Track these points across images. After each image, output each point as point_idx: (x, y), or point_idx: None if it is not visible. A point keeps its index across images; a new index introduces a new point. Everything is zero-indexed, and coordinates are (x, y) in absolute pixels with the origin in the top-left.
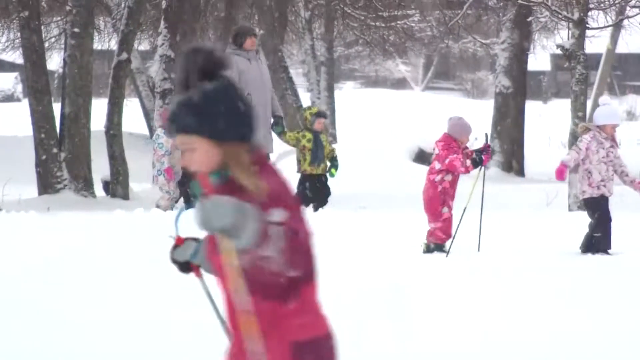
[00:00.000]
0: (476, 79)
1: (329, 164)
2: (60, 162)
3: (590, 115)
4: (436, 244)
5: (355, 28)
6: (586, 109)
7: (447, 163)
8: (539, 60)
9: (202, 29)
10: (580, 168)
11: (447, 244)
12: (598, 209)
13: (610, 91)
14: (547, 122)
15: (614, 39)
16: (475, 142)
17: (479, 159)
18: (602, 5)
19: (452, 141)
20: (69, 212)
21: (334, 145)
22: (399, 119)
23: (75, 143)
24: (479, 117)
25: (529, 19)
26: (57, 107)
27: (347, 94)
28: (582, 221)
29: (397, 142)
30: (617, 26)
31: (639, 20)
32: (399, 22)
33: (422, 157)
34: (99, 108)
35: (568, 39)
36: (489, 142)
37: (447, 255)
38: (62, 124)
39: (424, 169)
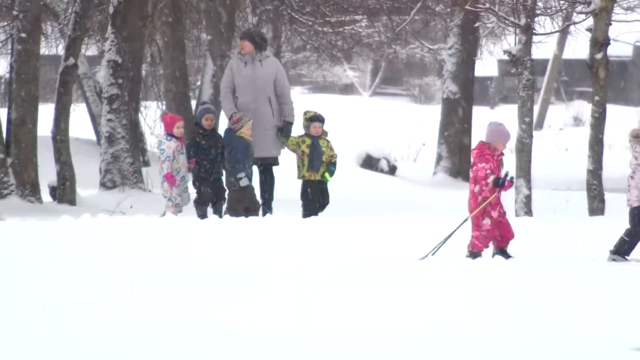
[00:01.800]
0: (423, 84)
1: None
2: (7, 167)
3: (537, 121)
4: (472, 252)
5: (303, 33)
6: (533, 114)
7: (473, 170)
8: (486, 65)
9: (150, 34)
10: (635, 177)
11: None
12: None
13: (557, 97)
14: None
15: (561, 45)
16: (422, 147)
17: (502, 182)
18: (548, 11)
19: (486, 149)
20: (15, 217)
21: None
22: (347, 124)
23: (22, 148)
24: (426, 123)
25: (476, 24)
26: (3, 113)
27: (295, 99)
28: (528, 226)
29: (344, 148)
30: (564, 32)
31: (585, 26)
32: (346, 27)
33: (369, 162)
34: (46, 113)
35: (515, 44)
36: (511, 179)
37: (421, 258)
38: (8, 129)
39: (371, 174)
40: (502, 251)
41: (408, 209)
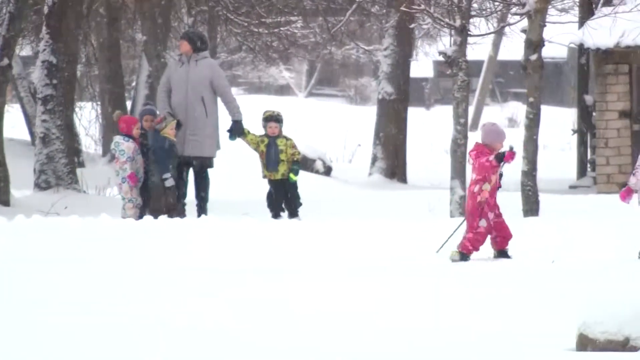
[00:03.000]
0: (359, 85)
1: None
2: None
3: (472, 122)
4: (461, 253)
5: (238, 34)
6: (468, 115)
7: (477, 167)
8: (422, 66)
9: (85, 35)
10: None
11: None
12: None
13: (492, 98)
14: (429, 129)
15: (496, 46)
16: (358, 148)
17: (502, 153)
18: (483, 12)
19: (484, 148)
20: None
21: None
22: (282, 125)
23: None
24: (362, 124)
25: (412, 26)
26: None
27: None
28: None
29: None
30: (499, 33)
31: (520, 28)
32: (282, 28)
33: (304, 163)
34: None
35: (450, 45)
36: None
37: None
38: None
39: (307, 175)
40: (501, 252)
41: (344, 209)
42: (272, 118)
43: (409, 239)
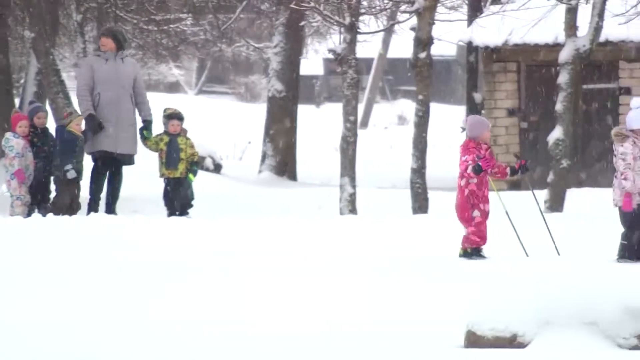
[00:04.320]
0: (249, 82)
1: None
2: None
3: (362, 120)
4: (472, 248)
5: (128, 31)
6: (357, 113)
7: (459, 166)
8: (312, 64)
9: None
10: (618, 176)
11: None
12: (635, 217)
13: (381, 95)
14: (319, 126)
15: (386, 44)
16: (248, 145)
17: (477, 167)
18: (373, 10)
19: (469, 143)
20: None
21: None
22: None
23: None
24: (252, 121)
25: (302, 23)
26: None
27: None
28: (353, 224)
29: None
30: (388, 31)
31: (409, 25)
32: (172, 25)
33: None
34: None
35: (340, 43)
36: (522, 161)
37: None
38: None
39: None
40: (475, 250)
41: (235, 207)
42: (174, 116)
43: (300, 236)
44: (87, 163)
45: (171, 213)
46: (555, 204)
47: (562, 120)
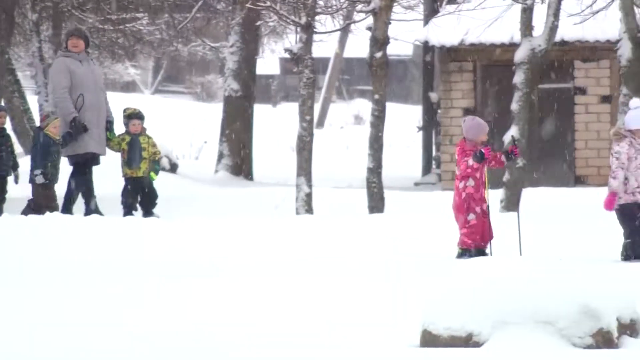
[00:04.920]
0: (206, 82)
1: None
2: None
3: (318, 119)
4: (462, 248)
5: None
6: (314, 112)
7: (460, 168)
8: (268, 64)
9: None
10: (618, 176)
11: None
12: (632, 216)
13: (338, 95)
14: (276, 126)
15: (342, 44)
16: (204, 145)
17: (480, 153)
18: (329, 9)
19: (465, 144)
20: None
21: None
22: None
23: None
24: (208, 121)
25: (258, 23)
26: None
27: None
28: (309, 224)
29: None
30: (345, 31)
31: (365, 25)
32: (127, 25)
33: None
34: None
35: (296, 43)
36: (515, 144)
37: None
38: None
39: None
40: (479, 251)
41: (191, 206)
42: (135, 115)
43: (256, 236)
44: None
45: (128, 212)
46: (511, 203)
47: (517, 120)
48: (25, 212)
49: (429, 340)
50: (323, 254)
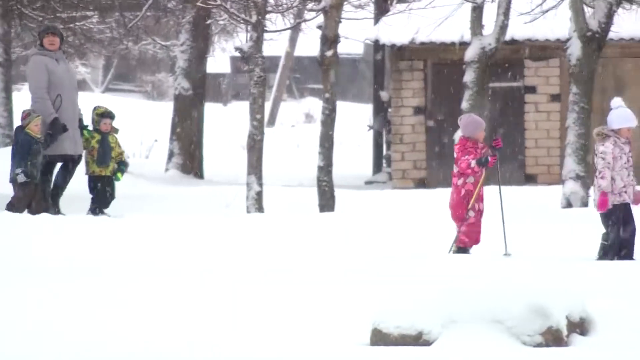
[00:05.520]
0: (156, 80)
1: (116, 166)
2: None
3: (269, 118)
4: (459, 247)
5: (33, 29)
6: (264, 111)
7: (459, 166)
8: (219, 62)
9: None
10: (597, 175)
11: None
12: (616, 216)
13: (289, 94)
14: (226, 124)
15: (293, 42)
16: (155, 143)
17: (484, 159)
18: (280, 8)
19: (466, 141)
20: None
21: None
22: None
23: None
24: (159, 119)
25: (208, 21)
26: None
27: (25, 95)
28: (260, 222)
29: None
30: (295, 29)
31: (316, 24)
32: (77, 23)
33: None
34: None
35: (246, 41)
36: (498, 136)
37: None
38: None
39: None
40: (462, 250)
41: (141, 205)
42: (107, 114)
43: (207, 235)
44: None
45: (95, 208)
46: None
47: None
48: (11, 210)
49: (379, 338)
50: (273, 252)
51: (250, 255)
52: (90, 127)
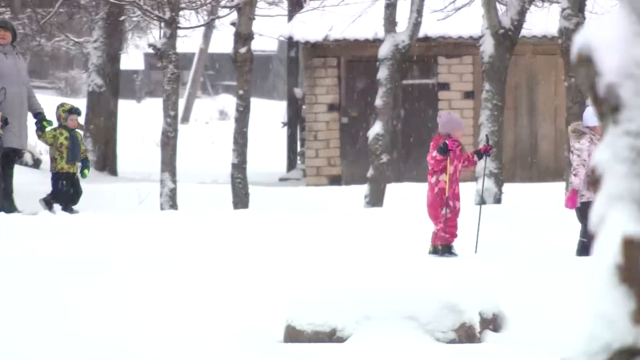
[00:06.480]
0: (69, 77)
1: (80, 164)
2: None
3: (183, 115)
4: (443, 245)
5: None
6: (178, 108)
7: (429, 162)
8: (133, 59)
9: None
10: (579, 173)
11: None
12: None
13: (203, 90)
14: (140, 121)
15: (207, 39)
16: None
17: (443, 145)
18: (193, 5)
19: (440, 138)
20: None
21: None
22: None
23: None
24: None
25: (122, 18)
26: None
27: None
28: (173, 219)
29: None
30: (209, 26)
31: (230, 21)
32: None
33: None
34: None
35: (160, 38)
36: (489, 144)
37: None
38: None
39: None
40: (446, 247)
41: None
42: (74, 110)
43: (120, 232)
44: None
45: (64, 208)
46: (375, 199)
47: (381, 116)
48: None
49: (293, 335)
50: (187, 250)
51: (163, 252)
52: (55, 124)
